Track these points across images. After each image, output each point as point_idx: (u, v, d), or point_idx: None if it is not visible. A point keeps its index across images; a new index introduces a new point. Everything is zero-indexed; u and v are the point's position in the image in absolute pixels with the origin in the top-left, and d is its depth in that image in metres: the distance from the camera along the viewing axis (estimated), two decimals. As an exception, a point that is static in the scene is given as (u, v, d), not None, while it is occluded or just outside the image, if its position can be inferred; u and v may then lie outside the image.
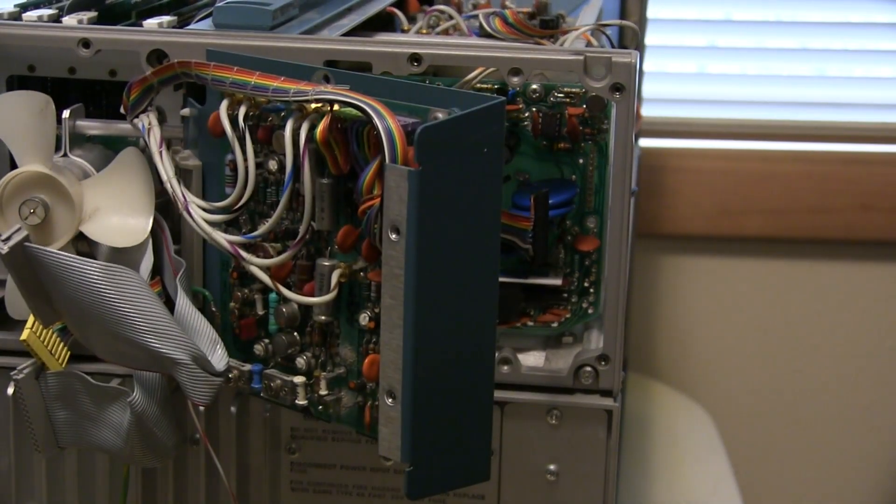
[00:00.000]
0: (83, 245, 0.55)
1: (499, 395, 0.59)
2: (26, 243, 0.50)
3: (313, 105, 0.47)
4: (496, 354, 0.59)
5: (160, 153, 0.52)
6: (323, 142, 0.47)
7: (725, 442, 1.03)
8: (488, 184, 0.43)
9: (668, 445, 0.99)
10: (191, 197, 0.51)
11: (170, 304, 0.52)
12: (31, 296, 0.52)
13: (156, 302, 0.50)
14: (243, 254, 0.50)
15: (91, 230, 0.54)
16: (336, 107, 0.46)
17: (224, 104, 0.50)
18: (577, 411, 0.59)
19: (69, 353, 0.55)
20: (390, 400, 0.44)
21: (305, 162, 0.47)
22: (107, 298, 0.49)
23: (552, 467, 0.59)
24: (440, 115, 0.43)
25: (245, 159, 0.50)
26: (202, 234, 0.51)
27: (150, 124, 0.52)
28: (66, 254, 0.50)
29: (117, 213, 0.54)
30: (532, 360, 0.61)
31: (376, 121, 0.43)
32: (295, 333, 0.53)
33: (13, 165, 0.55)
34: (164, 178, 0.52)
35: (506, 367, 0.59)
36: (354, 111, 0.45)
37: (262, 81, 0.48)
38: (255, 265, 0.50)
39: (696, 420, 1.06)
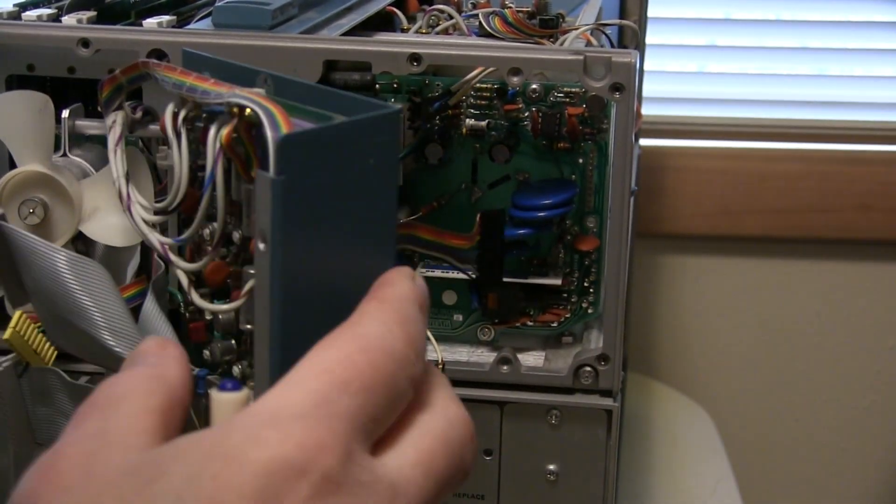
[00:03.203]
0: (81, 244, 0.55)
1: (498, 394, 0.59)
2: (1, 221, 0.50)
3: (234, 109, 0.45)
4: (496, 354, 0.60)
5: (115, 151, 0.51)
6: (227, 146, 0.45)
7: (725, 442, 1.03)
8: (377, 196, 0.40)
9: (667, 445, 0.99)
10: (136, 196, 0.51)
11: None
12: (3, 276, 0.52)
13: (116, 299, 0.50)
14: (171, 256, 0.49)
15: (90, 230, 0.54)
16: (248, 111, 0.44)
17: (170, 106, 0.49)
18: (576, 411, 0.58)
19: (55, 352, 0.55)
20: None
21: (218, 166, 0.46)
22: (70, 287, 0.50)
23: (552, 467, 0.59)
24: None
25: (181, 161, 0.49)
26: (139, 233, 0.50)
27: (113, 122, 0.52)
28: (36, 238, 0.50)
29: (116, 213, 0.54)
30: (532, 359, 0.61)
31: (265, 126, 0.41)
32: (233, 341, 0.51)
33: (12, 165, 0.55)
34: (114, 175, 0.51)
35: (505, 367, 0.59)
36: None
37: (197, 83, 0.47)
38: (180, 268, 0.49)
39: (695, 420, 1.06)
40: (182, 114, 0.47)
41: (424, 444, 0.36)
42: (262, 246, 0.38)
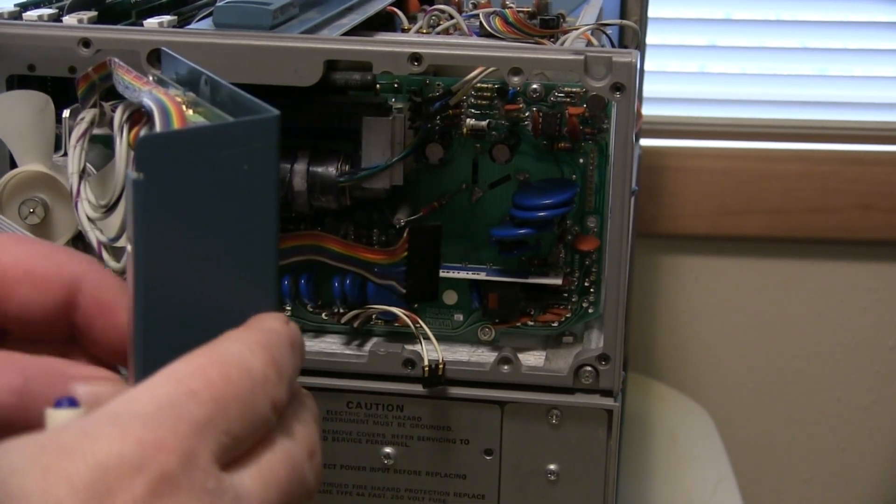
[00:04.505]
0: (81, 244, 0.55)
1: (499, 394, 0.59)
2: None
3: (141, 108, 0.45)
4: (496, 354, 0.60)
5: (75, 146, 0.51)
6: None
7: (725, 442, 1.03)
8: (255, 205, 0.39)
9: (668, 445, 0.99)
10: (85, 193, 0.50)
11: None
12: None
13: None
14: (104, 254, 0.49)
15: (91, 229, 0.54)
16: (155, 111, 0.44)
17: (122, 105, 0.48)
18: (577, 411, 0.58)
19: None
20: None
21: (131, 166, 0.45)
22: None
23: (552, 467, 0.59)
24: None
25: (121, 158, 0.48)
26: (81, 229, 0.50)
27: (82, 119, 0.51)
28: None
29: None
30: (532, 359, 0.61)
31: (156, 126, 0.40)
32: None
33: (13, 165, 0.55)
34: (69, 170, 0.51)
35: (506, 367, 0.59)
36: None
37: (134, 82, 0.46)
38: (110, 267, 0.49)
39: (696, 420, 1.06)
40: (127, 112, 0.46)
41: (263, 458, 0.36)
42: (129, 248, 0.37)
